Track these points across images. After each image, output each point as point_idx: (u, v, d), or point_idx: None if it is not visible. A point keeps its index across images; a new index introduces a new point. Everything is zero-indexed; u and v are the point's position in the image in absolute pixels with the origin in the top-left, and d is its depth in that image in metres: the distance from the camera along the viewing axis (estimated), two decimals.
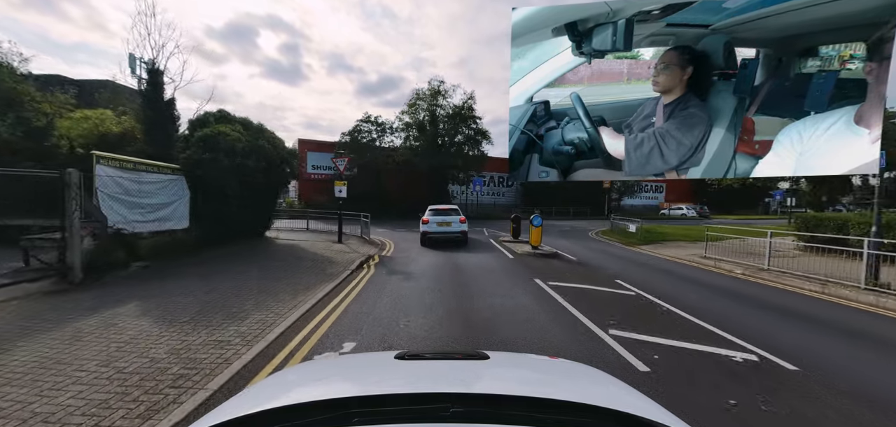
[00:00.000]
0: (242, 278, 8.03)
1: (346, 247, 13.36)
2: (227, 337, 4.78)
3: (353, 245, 13.93)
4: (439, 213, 15.73)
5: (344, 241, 14.64)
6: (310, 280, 8.18)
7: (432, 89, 33.72)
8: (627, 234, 18.58)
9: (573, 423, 0.94)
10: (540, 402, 1.01)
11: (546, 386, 1.32)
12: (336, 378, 1.39)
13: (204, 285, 7.27)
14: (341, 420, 0.91)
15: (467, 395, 1.03)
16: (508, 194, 45.07)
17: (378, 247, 14.11)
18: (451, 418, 0.89)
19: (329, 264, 10.14)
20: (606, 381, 1.41)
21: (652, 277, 9.31)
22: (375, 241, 15.38)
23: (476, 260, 11.67)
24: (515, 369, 1.55)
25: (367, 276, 9.13)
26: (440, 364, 1.44)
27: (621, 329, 5.45)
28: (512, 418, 0.92)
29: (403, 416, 0.90)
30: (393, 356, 1.47)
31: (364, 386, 1.27)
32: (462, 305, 6.49)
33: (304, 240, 14.93)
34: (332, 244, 13.82)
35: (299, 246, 13.17)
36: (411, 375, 1.32)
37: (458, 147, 34.63)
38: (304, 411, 0.96)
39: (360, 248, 13.21)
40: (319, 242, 14.22)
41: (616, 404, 1.03)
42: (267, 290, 7.08)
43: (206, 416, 0.99)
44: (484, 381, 1.26)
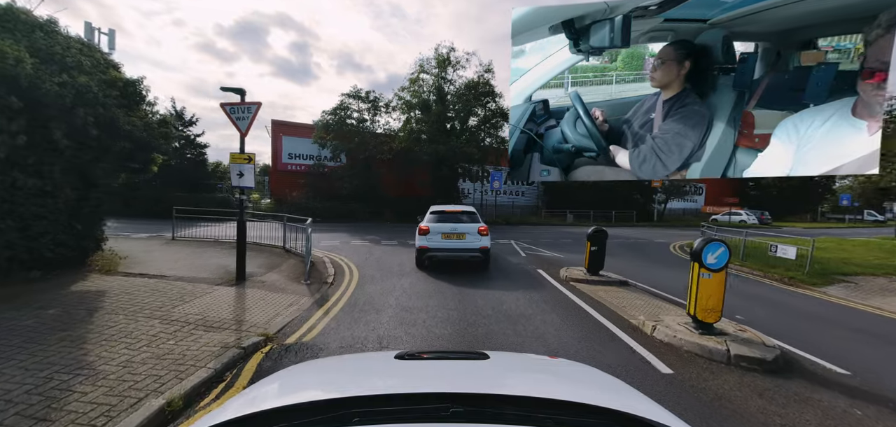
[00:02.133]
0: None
1: (226, 303, 6.23)
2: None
3: (255, 294, 6.77)
4: (447, 218, 8.74)
5: (254, 279, 7.51)
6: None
7: (439, 58, 26.46)
8: (771, 260, 11.10)
9: (573, 423, 0.93)
10: (540, 402, 1.01)
11: (546, 386, 1.32)
12: (336, 378, 1.37)
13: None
14: (341, 420, 0.91)
15: (467, 395, 1.01)
16: (528, 194, 37.67)
17: (314, 291, 6.95)
18: (451, 418, 0.88)
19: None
20: (606, 381, 1.37)
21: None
22: (321, 273, 8.24)
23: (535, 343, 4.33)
24: (515, 369, 1.50)
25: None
26: (440, 364, 1.44)
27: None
28: (512, 418, 0.92)
29: (403, 416, 0.90)
30: (393, 356, 1.44)
31: (364, 386, 1.24)
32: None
33: (184, 271, 7.80)
34: (211, 291, 6.65)
35: (128, 300, 6.05)
36: (411, 375, 1.31)
37: (470, 133, 27.37)
38: (304, 411, 0.95)
39: (258, 307, 6.07)
40: (197, 285, 7.08)
41: (616, 404, 1.01)
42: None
43: (206, 417, 0.97)
44: (484, 381, 1.24)
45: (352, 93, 26.20)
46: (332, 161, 26.55)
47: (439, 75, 26.64)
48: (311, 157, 27.61)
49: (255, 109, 6.74)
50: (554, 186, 34.91)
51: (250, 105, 6.73)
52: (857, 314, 6.83)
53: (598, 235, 7.60)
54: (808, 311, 6.86)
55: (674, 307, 6.25)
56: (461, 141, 25.95)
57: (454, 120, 27.21)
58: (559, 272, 8.66)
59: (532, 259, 11.15)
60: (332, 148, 25.48)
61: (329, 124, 25.34)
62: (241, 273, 6.88)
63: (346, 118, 25.69)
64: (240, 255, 6.86)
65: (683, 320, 5.04)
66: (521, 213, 32.25)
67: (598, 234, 7.60)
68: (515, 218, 29.43)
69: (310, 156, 27.81)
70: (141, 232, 14.52)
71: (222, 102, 6.75)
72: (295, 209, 24.65)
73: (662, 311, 5.93)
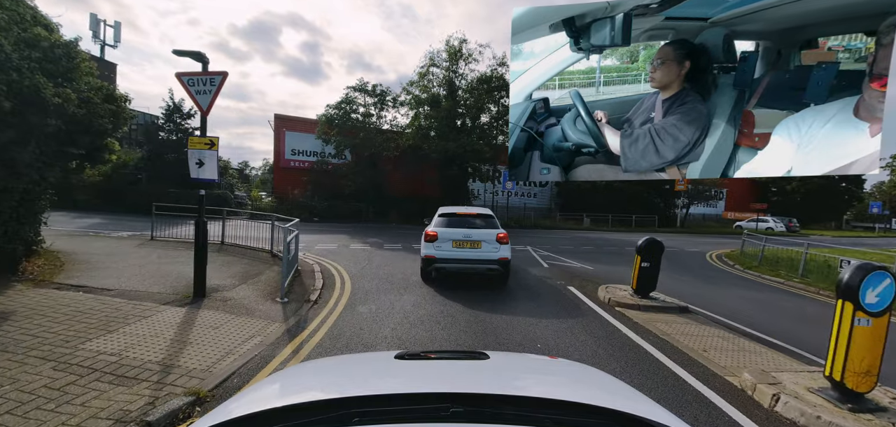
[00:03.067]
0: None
1: (164, 333, 4.78)
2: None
3: (210, 319, 5.33)
4: (458, 223, 7.29)
5: (217, 296, 6.13)
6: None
7: (451, 50, 24.92)
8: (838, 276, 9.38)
9: (573, 423, 0.93)
10: (540, 401, 1.00)
11: (546, 386, 1.31)
12: (336, 378, 1.36)
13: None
14: (341, 420, 0.90)
15: (467, 395, 1.00)
16: (541, 196, 35.84)
17: (290, 313, 5.50)
18: (451, 418, 0.88)
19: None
20: (606, 381, 1.37)
21: None
22: (306, 286, 6.78)
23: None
24: (515, 369, 1.47)
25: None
26: (440, 364, 1.42)
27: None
28: (512, 418, 0.92)
29: (403, 416, 0.89)
30: (393, 356, 1.43)
31: (364, 386, 1.22)
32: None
33: (137, 282, 6.43)
34: (153, 313, 5.25)
35: (32, 327, 4.66)
36: (411, 375, 1.29)
37: (482, 130, 25.80)
38: (304, 411, 0.94)
39: (206, 340, 4.63)
40: (139, 305, 5.70)
41: (616, 404, 0.99)
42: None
43: (206, 417, 0.95)
44: (484, 381, 1.23)
45: (358, 86, 24.79)
46: (335, 158, 25.19)
47: (450, 69, 25.12)
48: (315, 153, 26.29)
49: (219, 81, 5.31)
50: (568, 188, 33.14)
51: (214, 75, 5.30)
52: None
53: (651, 249, 5.97)
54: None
55: (774, 353, 4.63)
56: (472, 138, 24.40)
57: (465, 116, 25.67)
58: (597, 292, 7.07)
59: (556, 271, 9.56)
60: (336, 144, 24.09)
61: (333, 119, 23.98)
62: (199, 287, 5.44)
63: (350, 112, 24.30)
64: (198, 264, 5.41)
65: (816, 384, 3.43)
66: (534, 215, 30.51)
67: (652, 247, 5.97)
68: (528, 221, 27.76)
69: (313, 152, 26.48)
70: (126, 230, 13.32)
71: (179, 72, 5.32)
72: (296, 208, 23.36)
73: (765, 359, 4.32)
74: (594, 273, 9.57)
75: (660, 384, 3.66)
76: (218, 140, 5.36)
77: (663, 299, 6.27)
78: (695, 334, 4.97)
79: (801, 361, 4.43)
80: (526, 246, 14.38)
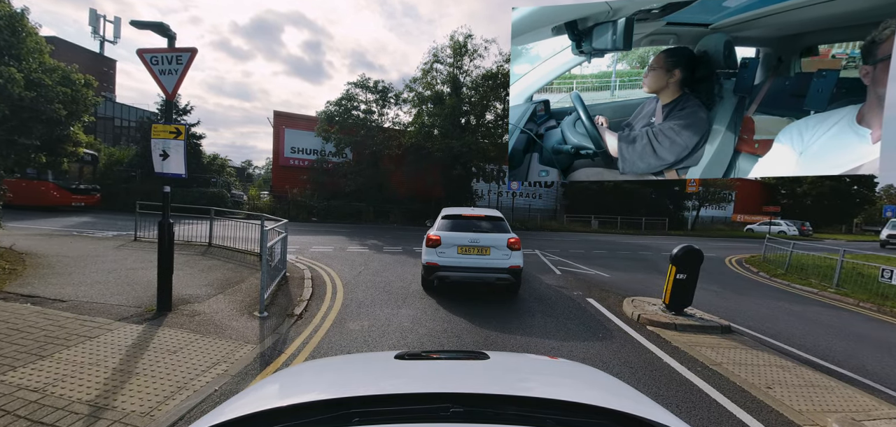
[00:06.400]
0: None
1: (110, 359, 4.00)
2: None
3: (171, 338, 4.57)
4: (464, 226, 6.54)
5: (186, 309, 5.38)
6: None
7: (455, 45, 24.11)
8: (883, 288, 8.54)
9: (573, 423, 0.91)
10: (540, 402, 0.99)
11: (546, 386, 1.29)
12: (336, 378, 1.34)
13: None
14: (341, 420, 0.89)
15: (467, 395, 0.99)
16: (546, 197, 34.93)
17: (268, 332, 4.73)
18: (451, 418, 0.87)
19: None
20: (606, 381, 1.35)
21: None
22: (291, 296, 6.01)
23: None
24: (515, 369, 1.46)
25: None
26: (440, 364, 1.41)
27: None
28: (512, 418, 0.91)
29: (403, 416, 0.89)
30: (393, 356, 1.41)
31: (364, 386, 1.20)
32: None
33: (99, 290, 5.71)
34: (104, 332, 4.50)
35: None
36: (411, 375, 1.28)
37: (487, 128, 24.97)
38: (304, 411, 0.93)
39: (159, 368, 3.84)
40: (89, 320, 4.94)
41: (616, 404, 0.98)
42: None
43: (206, 416, 0.94)
44: (484, 381, 1.21)
45: (359, 82, 24.04)
46: (336, 156, 24.44)
47: (454, 65, 24.30)
48: (315, 151, 25.54)
49: (187, 59, 4.54)
50: (574, 189, 32.22)
51: (181, 52, 4.54)
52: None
53: (689, 258, 5.15)
54: None
55: (848, 387, 3.82)
56: (476, 137, 23.58)
57: (469, 114, 24.85)
58: (622, 306, 6.26)
59: (571, 279, 8.75)
60: (337, 142, 23.34)
61: (333, 116, 23.23)
62: (164, 299, 4.68)
63: (351, 109, 23.54)
64: (162, 272, 4.65)
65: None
66: (540, 217, 29.64)
67: (690, 256, 5.15)
68: (533, 223, 26.91)
69: (313, 150, 25.73)
70: (113, 229, 12.61)
71: (140, 49, 4.57)
72: (295, 207, 22.66)
73: (840, 397, 3.52)
74: (612, 282, 8.75)
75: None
76: (185, 128, 4.62)
77: (700, 316, 5.45)
78: (749, 363, 4.16)
79: (879, 398, 3.62)
80: (534, 250, 13.57)
